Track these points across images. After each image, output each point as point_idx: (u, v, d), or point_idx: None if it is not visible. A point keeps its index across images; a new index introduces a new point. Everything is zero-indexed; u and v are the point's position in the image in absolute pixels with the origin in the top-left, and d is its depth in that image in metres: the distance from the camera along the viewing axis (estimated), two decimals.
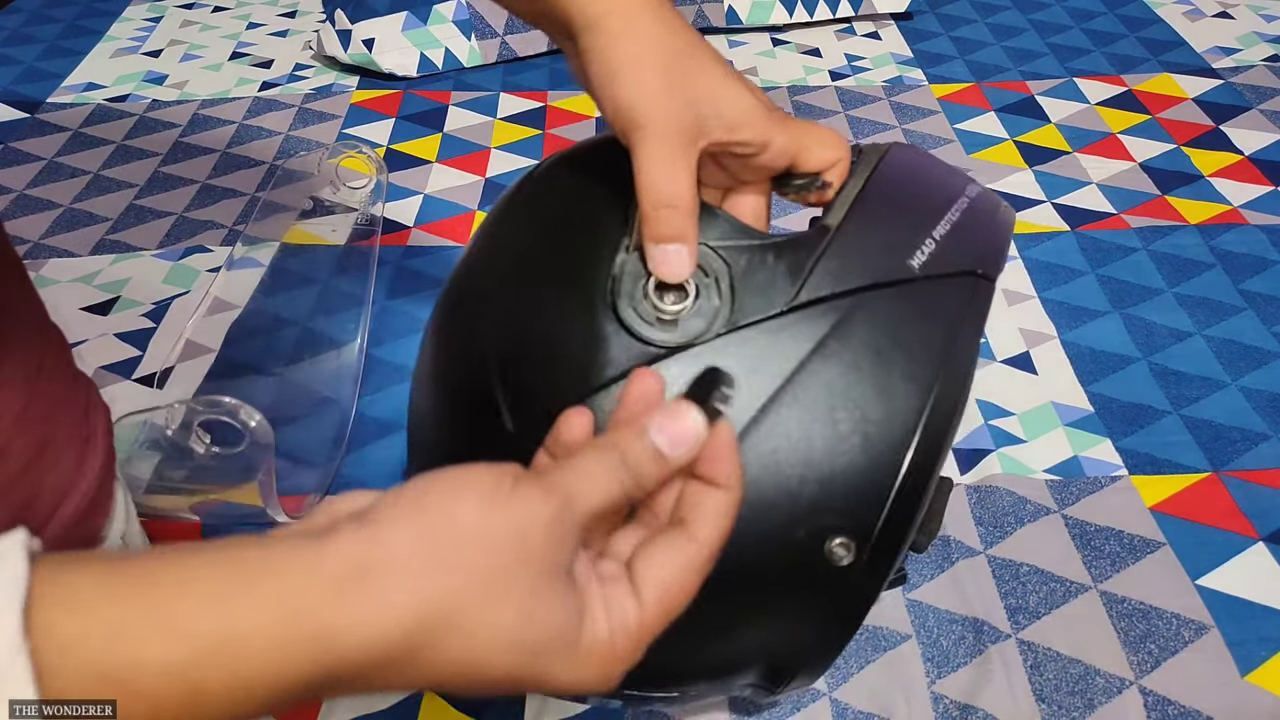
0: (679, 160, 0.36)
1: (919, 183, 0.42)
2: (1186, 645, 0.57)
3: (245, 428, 0.58)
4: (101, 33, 1.29)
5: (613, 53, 0.36)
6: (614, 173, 0.38)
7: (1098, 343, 0.78)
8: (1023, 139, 1.04)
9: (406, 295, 0.83)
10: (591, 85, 0.37)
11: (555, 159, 0.45)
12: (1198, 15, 1.30)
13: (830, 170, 0.40)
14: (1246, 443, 0.70)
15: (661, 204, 0.35)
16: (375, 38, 1.14)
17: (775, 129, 0.38)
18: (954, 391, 0.36)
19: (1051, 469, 0.68)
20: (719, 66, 0.37)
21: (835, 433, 0.35)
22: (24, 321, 0.47)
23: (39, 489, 0.46)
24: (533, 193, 0.44)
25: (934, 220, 0.39)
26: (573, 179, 0.42)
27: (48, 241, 0.91)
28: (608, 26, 0.36)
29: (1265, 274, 0.85)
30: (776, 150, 0.38)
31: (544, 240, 0.40)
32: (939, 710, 0.54)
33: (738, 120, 0.37)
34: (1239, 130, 1.05)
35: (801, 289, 0.36)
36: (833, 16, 1.27)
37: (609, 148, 0.39)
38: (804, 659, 0.40)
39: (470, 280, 0.43)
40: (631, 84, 0.35)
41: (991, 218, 0.41)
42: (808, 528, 0.35)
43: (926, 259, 0.37)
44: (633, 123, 0.35)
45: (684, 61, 0.36)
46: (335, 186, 0.96)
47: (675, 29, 0.37)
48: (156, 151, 1.04)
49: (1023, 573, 0.61)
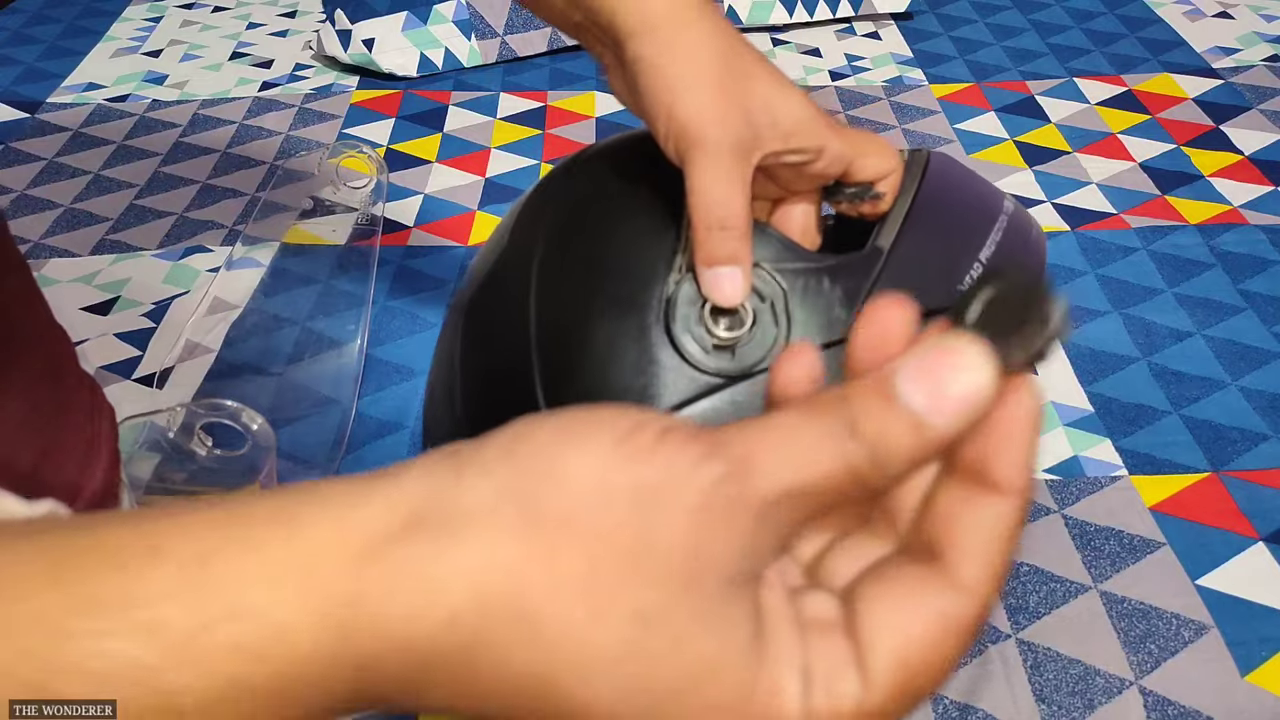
0: (735, 178, 0.34)
1: (962, 200, 0.41)
2: (1186, 645, 0.57)
3: (247, 431, 0.58)
4: (101, 33, 1.29)
5: (667, 62, 0.34)
6: (660, 177, 0.37)
7: (1098, 343, 0.78)
8: (1023, 139, 1.04)
9: (407, 295, 0.83)
10: (642, 97, 0.36)
11: (588, 158, 0.43)
12: (1198, 15, 1.30)
13: (883, 181, 0.38)
14: (1246, 443, 0.70)
15: (716, 225, 0.34)
16: (375, 38, 1.14)
17: (830, 135, 0.36)
18: None
19: (1051, 469, 0.68)
20: (771, 71, 0.36)
21: None
22: (29, 323, 0.47)
23: (44, 494, 0.45)
24: (567, 197, 0.42)
25: (980, 241, 0.38)
26: (611, 182, 0.41)
27: (48, 241, 0.91)
28: (660, 36, 0.34)
29: (1265, 274, 0.85)
30: (831, 157, 0.37)
31: (592, 251, 0.39)
32: (938, 710, 0.54)
33: (793, 128, 0.36)
34: (1239, 130, 1.05)
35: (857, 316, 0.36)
36: (833, 16, 1.27)
37: (649, 147, 0.37)
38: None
39: (505, 290, 0.41)
40: (689, 98, 0.34)
41: (1027, 237, 0.40)
42: None
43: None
44: (688, 138, 0.34)
45: (737, 68, 0.35)
46: (335, 186, 0.96)
47: (725, 32, 0.36)
48: (156, 151, 1.04)
49: (1022, 573, 0.61)
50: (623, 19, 0.35)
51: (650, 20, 0.35)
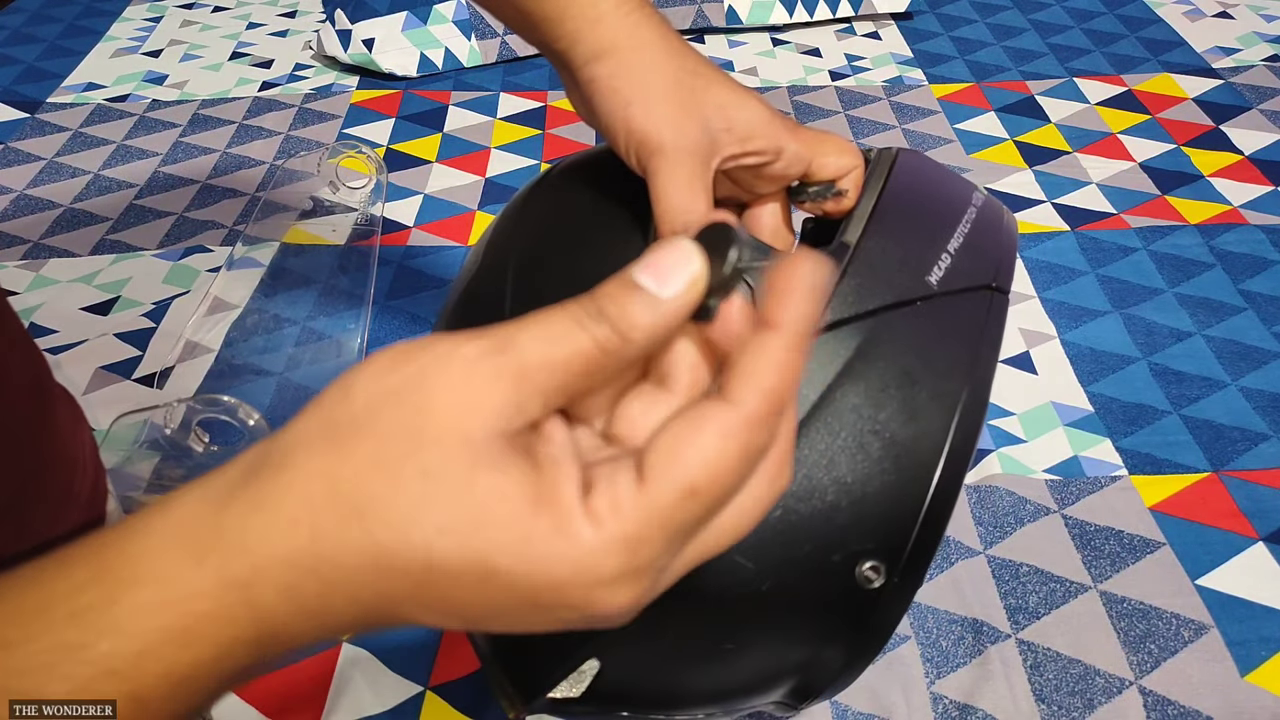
0: (696, 183, 0.35)
1: (930, 193, 0.41)
2: (1186, 645, 0.57)
3: (244, 426, 0.58)
4: (101, 33, 1.29)
5: (622, 81, 0.36)
6: (625, 190, 0.38)
7: (1098, 343, 0.78)
8: (1023, 139, 1.04)
9: (406, 295, 0.83)
10: (599, 114, 0.37)
11: (560, 172, 0.44)
12: (1198, 15, 1.30)
13: (845, 177, 0.39)
14: (1246, 443, 0.70)
15: (681, 230, 0.35)
16: (375, 38, 1.14)
17: (787, 136, 0.37)
18: (977, 409, 0.36)
19: (1051, 469, 0.68)
20: (725, 80, 0.37)
21: (866, 457, 0.35)
22: (3, 339, 0.44)
23: (34, 508, 0.44)
24: (541, 212, 0.43)
25: (948, 233, 0.39)
26: (584, 195, 0.42)
27: (48, 241, 0.91)
28: (615, 57, 0.36)
29: (1265, 274, 0.85)
30: (790, 157, 0.38)
31: (563, 267, 0.40)
32: (938, 711, 0.54)
33: (749, 131, 0.37)
34: (1239, 130, 1.05)
35: (825, 311, 0.36)
36: (833, 16, 1.27)
37: (613, 160, 0.39)
38: (833, 677, 0.39)
39: (482, 309, 0.42)
40: (645, 111, 0.35)
41: (998, 227, 0.41)
42: (842, 553, 0.35)
43: (944, 274, 0.37)
44: (648, 148, 0.35)
45: (691, 80, 0.36)
46: (335, 186, 0.96)
47: (679, 50, 0.37)
48: (156, 151, 1.04)
49: (1022, 573, 0.61)
50: (582, 47, 0.36)
51: (604, 46, 0.36)
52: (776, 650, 0.38)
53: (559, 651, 0.37)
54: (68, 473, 0.47)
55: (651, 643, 0.36)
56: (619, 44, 0.36)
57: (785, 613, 0.36)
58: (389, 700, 0.55)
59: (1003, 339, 0.38)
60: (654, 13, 0.38)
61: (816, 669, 0.38)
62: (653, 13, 0.37)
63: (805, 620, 0.37)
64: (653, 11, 0.38)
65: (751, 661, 0.38)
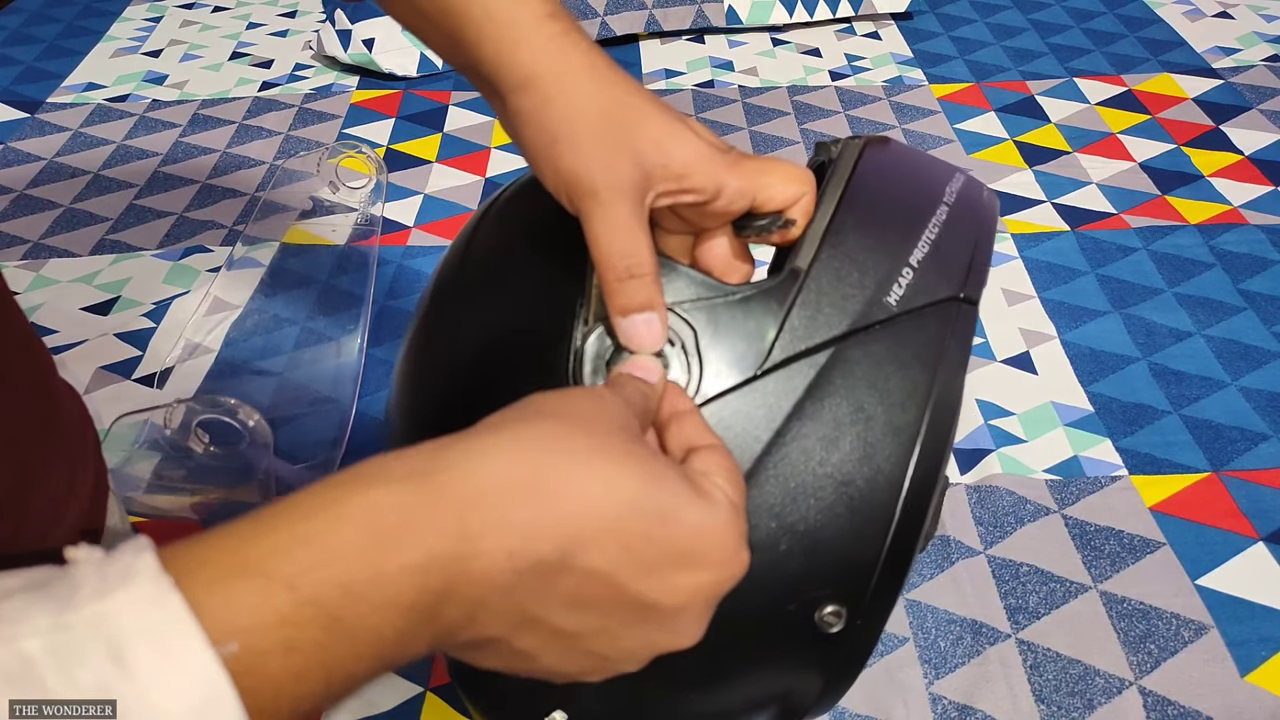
0: (634, 225, 0.33)
1: (894, 197, 0.39)
2: (1186, 645, 0.57)
3: (244, 427, 0.58)
4: (101, 33, 1.29)
5: (546, 116, 0.34)
6: (559, 225, 0.36)
7: (1098, 343, 0.78)
8: (1023, 139, 1.04)
9: (406, 295, 0.83)
10: (525, 149, 0.35)
11: (501, 204, 0.42)
12: (1198, 15, 1.30)
13: (793, 207, 0.37)
14: (1246, 443, 0.70)
15: (625, 275, 0.33)
16: (375, 38, 1.14)
17: (726, 172, 0.35)
18: (941, 434, 0.34)
19: (1051, 469, 0.68)
20: (662, 112, 0.35)
21: (819, 502, 0.33)
22: (8, 337, 0.43)
23: (33, 508, 0.43)
24: (479, 256, 0.41)
25: (911, 244, 0.36)
26: (520, 234, 0.40)
27: (48, 241, 0.91)
28: (539, 88, 0.34)
29: (1265, 274, 0.85)
30: (731, 195, 0.36)
31: (502, 310, 0.38)
32: (938, 711, 0.54)
33: (684, 169, 0.34)
34: (1239, 130, 1.05)
35: (773, 349, 0.34)
36: (833, 16, 1.27)
37: (546, 194, 0.37)
38: (812, 702, 0.39)
39: (431, 346, 0.41)
40: (572, 149, 0.33)
41: (975, 220, 0.38)
42: (798, 601, 0.34)
43: (905, 292, 0.35)
44: (579, 190, 0.33)
45: (623, 113, 0.34)
46: (335, 186, 0.96)
47: (610, 81, 0.35)
48: (156, 151, 1.04)
49: (1022, 573, 0.61)
50: (505, 74, 0.34)
51: (526, 74, 0.34)
52: (744, 693, 0.37)
53: (529, 703, 0.37)
54: (69, 469, 0.47)
55: (614, 694, 0.34)
56: (541, 72, 0.34)
57: (743, 663, 0.35)
58: (389, 700, 0.55)
59: (970, 352, 0.36)
60: (581, 36, 0.35)
61: (795, 697, 0.38)
62: (580, 36, 0.35)
63: (768, 666, 0.36)
64: (579, 34, 0.35)
65: (719, 704, 0.37)
